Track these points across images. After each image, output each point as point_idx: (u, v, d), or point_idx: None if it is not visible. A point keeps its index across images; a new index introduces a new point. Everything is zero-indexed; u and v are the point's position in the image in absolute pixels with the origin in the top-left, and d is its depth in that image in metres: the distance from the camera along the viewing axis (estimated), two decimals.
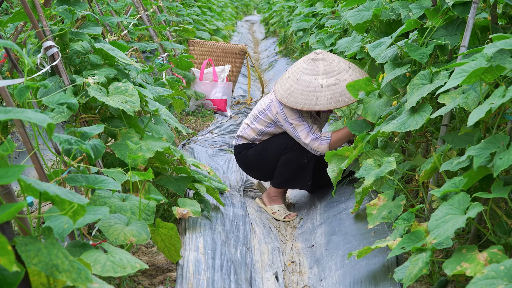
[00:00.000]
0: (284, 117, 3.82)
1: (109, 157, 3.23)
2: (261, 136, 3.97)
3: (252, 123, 3.98)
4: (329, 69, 3.80)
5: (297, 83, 3.80)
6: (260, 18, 18.15)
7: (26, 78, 2.20)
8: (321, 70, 3.80)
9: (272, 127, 3.92)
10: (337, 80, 3.77)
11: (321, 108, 3.72)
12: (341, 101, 3.72)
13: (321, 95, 3.73)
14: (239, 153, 4.06)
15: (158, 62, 5.50)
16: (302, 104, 3.74)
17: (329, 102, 3.72)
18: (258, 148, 3.97)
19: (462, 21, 3.01)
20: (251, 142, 4.00)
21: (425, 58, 2.95)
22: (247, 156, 4.01)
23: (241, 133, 4.03)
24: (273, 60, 10.37)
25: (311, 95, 3.74)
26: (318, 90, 3.74)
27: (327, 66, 3.81)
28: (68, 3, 3.54)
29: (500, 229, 2.31)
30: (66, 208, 1.68)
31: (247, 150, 4.01)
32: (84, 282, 1.60)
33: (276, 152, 3.91)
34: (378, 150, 3.09)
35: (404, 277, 2.31)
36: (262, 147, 3.96)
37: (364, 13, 3.75)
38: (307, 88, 3.77)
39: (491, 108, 2.12)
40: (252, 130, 3.98)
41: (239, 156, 4.07)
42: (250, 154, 4.00)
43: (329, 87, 3.74)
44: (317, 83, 3.76)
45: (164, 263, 2.84)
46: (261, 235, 3.61)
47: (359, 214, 3.36)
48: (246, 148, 4.02)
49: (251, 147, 4.01)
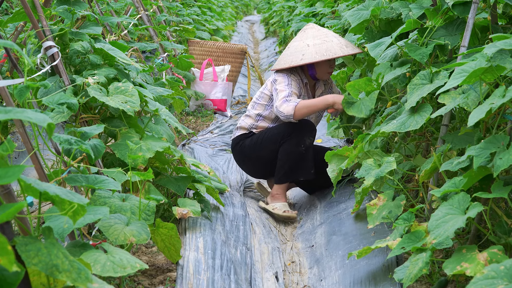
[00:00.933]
0: (274, 86, 3.85)
1: (109, 157, 3.23)
2: (258, 121, 3.97)
3: (249, 111, 4.02)
4: (317, 34, 3.91)
5: (287, 50, 3.95)
6: (260, 18, 18.15)
7: (26, 78, 2.20)
8: (310, 35, 3.91)
9: (268, 109, 3.93)
10: (324, 40, 3.85)
11: (306, 61, 3.78)
12: (326, 54, 3.78)
13: (307, 51, 3.81)
14: (236, 144, 4.05)
15: (158, 62, 5.50)
16: (289, 62, 3.83)
17: (314, 56, 3.78)
18: (254, 138, 3.96)
19: (462, 21, 3.01)
20: (248, 131, 4.00)
21: (425, 58, 2.95)
22: (243, 147, 4.00)
23: (239, 125, 4.06)
24: (273, 60, 10.37)
25: (298, 53, 3.84)
26: (304, 49, 3.84)
27: (315, 32, 3.93)
28: (68, 3, 3.53)
29: (500, 229, 2.31)
30: (66, 208, 1.68)
31: (244, 141, 4.00)
32: (84, 282, 1.60)
33: (272, 142, 3.89)
34: (378, 150, 3.09)
35: (404, 277, 2.31)
36: (258, 137, 3.95)
37: (363, 12, 3.75)
38: (294, 50, 3.88)
39: (491, 108, 2.12)
40: (249, 118, 4.01)
41: (236, 148, 4.06)
42: (247, 144, 3.99)
43: (315, 46, 3.82)
44: (304, 44, 3.87)
45: (164, 263, 2.84)
46: (261, 235, 3.61)
47: (359, 214, 3.36)
48: (243, 139, 4.01)
49: (248, 136, 4.00)
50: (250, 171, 4.18)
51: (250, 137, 4.00)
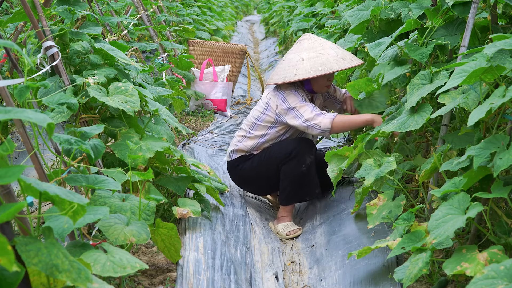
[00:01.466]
0: (287, 105, 3.63)
1: (109, 157, 3.23)
2: (261, 143, 3.78)
3: (249, 132, 3.81)
4: (312, 46, 3.72)
5: (282, 63, 3.76)
6: (260, 18, 18.15)
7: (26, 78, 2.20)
8: (305, 47, 3.72)
9: (274, 128, 3.74)
10: (319, 53, 3.66)
11: (300, 78, 3.59)
12: (321, 69, 3.58)
13: (301, 66, 3.63)
14: (235, 167, 3.89)
15: (158, 62, 5.50)
16: (282, 77, 3.65)
17: (308, 72, 3.59)
18: (255, 161, 3.80)
19: (462, 21, 3.01)
20: (248, 153, 3.84)
21: (425, 58, 2.95)
22: (243, 170, 3.85)
23: (236, 147, 3.86)
24: (273, 60, 10.37)
25: (292, 68, 3.65)
26: (299, 63, 3.65)
27: (311, 43, 3.74)
28: (68, 3, 3.53)
29: (500, 229, 2.31)
30: (66, 208, 1.68)
31: (243, 164, 3.84)
32: (84, 282, 1.60)
33: (273, 163, 3.73)
34: (378, 150, 3.09)
35: (404, 277, 2.31)
36: (259, 158, 3.79)
37: (363, 12, 3.75)
38: (289, 63, 3.70)
39: (491, 108, 2.12)
40: (250, 139, 3.80)
41: (234, 170, 3.90)
42: (247, 167, 3.83)
43: (310, 59, 3.64)
44: (299, 58, 3.68)
45: (164, 263, 2.84)
46: (261, 235, 3.61)
47: (359, 214, 3.36)
48: (242, 162, 3.85)
49: (248, 159, 3.84)
50: (253, 191, 4.05)
51: (250, 159, 3.83)
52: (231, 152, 3.90)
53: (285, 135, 3.77)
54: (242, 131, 3.87)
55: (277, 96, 3.69)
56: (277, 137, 3.78)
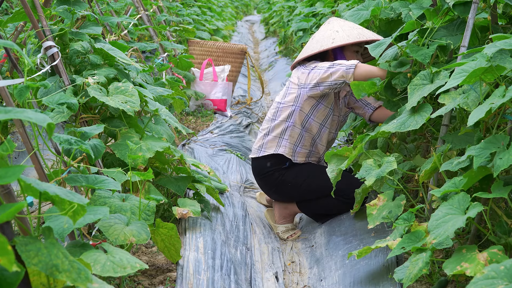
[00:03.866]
0: (308, 69, 3.53)
1: (109, 157, 3.23)
2: (289, 130, 3.59)
3: (273, 120, 3.65)
4: (343, 24, 3.65)
5: (312, 40, 3.67)
6: (260, 18, 18.15)
7: (26, 78, 2.20)
8: (336, 24, 3.64)
9: (297, 108, 3.57)
10: (352, 27, 3.59)
11: (338, 44, 3.50)
12: (359, 37, 3.51)
13: (338, 36, 3.55)
14: (270, 175, 3.66)
15: (158, 62, 5.50)
16: (318, 47, 3.56)
17: (346, 39, 3.51)
18: (299, 180, 3.62)
19: (462, 21, 3.01)
20: (285, 150, 3.61)
21: (427, 59, 2.94)
22: (283, 182, 3.64)
23: (264, 139, 3.67)
24: (273, 60, 10.37)
25: (326, 39, 3.57)
26: (334, 34, 3.56)
27: (341, 22, 3.67)
28: (68, 3, 3.53)
29: (500, 229, 2.31)
30: (66, 208, 1.68)
31: (283, 175, 3.64)
32: (84, 282, 1.60)
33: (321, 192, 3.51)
34: (378, 150, 3.09)
35: (404, 277, 2.31)
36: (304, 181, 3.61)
37: (363, 12, 3.75)
38: (322, 37, 3.60)
39: (491, 108, 2.12)
40: (276, 127, 3.63)
41: (269, 179, 3.67)
42: (289, 180, 3.63)
43: (344, 31, 3.56)
44: (332, 31, 3.60)
45: (164, 263, 2.84)
46: (261, 235, 3.61)
47: (359, 214, 3.36)
48: (281, 170, 3.65)
49: (286, 170, 3.64)
50: (276, 198, 3.81)
51: (289, 171, 3.64)
52: (259, 148, 3.71)
53: (310, 117, 3.60)
54: (266, 122, 3.71)
55: (298, 70, 3.61)
56: (302, 121, 3.60)
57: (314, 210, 3.67)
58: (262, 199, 4.17)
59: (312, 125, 3.63)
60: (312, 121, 3.62)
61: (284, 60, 9.79)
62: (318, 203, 3.62)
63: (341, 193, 3.41)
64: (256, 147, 3.73)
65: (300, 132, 3.63)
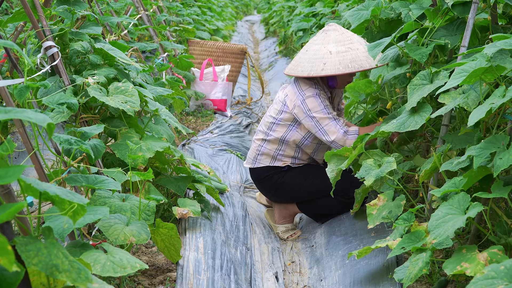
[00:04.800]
0: (306, 109, 3.42)
1: (109, 157, 3.23)
2: (284, 146, 3.56)
3: (268, 134, 3.59)
4: (340, 38, 3.49)
5: (305, 54, 3.51)
6: (260, 18, 18.15)
7: (26, 78, 2.20)
8: (332, 39, 3.48)
9: (294, 129, 3.53)
10: (348, 48, 3.44)
11: (327, 73, 3.36)
12: (351, 67, 3.36)
13: (329, 61, 3.39)
14: (269, 178, 3.63)
15: (158, 62, 5.50)
16: (308, 71, 3.41)
17: (337, 68, 3.36)
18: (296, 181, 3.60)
19: (462, 21, 3.01)
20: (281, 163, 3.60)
21: (424, 58, 2.94)
22: (283, 184, 3.62)
23: (259, 151, 3.63)
24: (273, 60, 10.37)
25: (318, 61, 3.41)
26: (326, 57, 3.41)
27: (338, 35, 3.51)
28: (68, 3, 3.53)
29: (500, 229, 2.31)
30: (66, 208, 1.68)
31: (282, 178, 3.61)
32: (84, 282, 1.60)
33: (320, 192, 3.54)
34: (378, 150, 3.09)
35: (404, 277, 2.31)
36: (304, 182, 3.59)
37: (363, 12, 3.75)
38: (314, 56, 3.45)
39: (491, 108, 2.12)
40: (270, 143, 3.59)
41: (269, 182, 3.65)
42: (288, 182, 3.60)
43: (338, 54, 3.40)
44: (326, 50, 3.44)
45: (164, 263, 2.84)
46: (261, 235, 3.61)
47: (359, 214, 3.36)
48: (278, 173, 3.62)
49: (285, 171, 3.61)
50: (276, 200, 3.79)
51: (287, 173, 3.61)
52: (255, 159, 3.67)
53: (307, 140, 3.56)
54: (261, 134, 3.64)
55: (295, 95, 3.48)
56: (298, 142, 3.56)
57: (314, 210, 3.67)
58: (262, 199, 4.18)
59: (308, 146, 3.60)
60: (308, 143, 3.59)
61: (284, 60, 9.80)
62: (318, 203, 3.62)
63: (341, 193, 3.42)
64: (252, 157, 3.70)
65: (295, 149, 3.61)
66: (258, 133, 3.68)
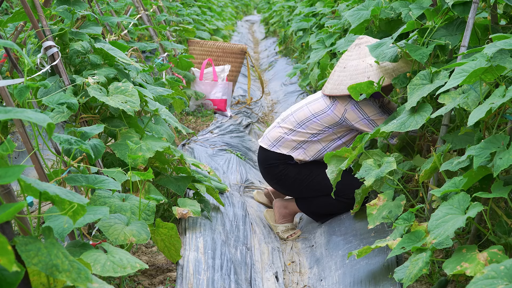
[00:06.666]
0: (360, 115, 3.43)
1: (109, 157, 3.23)
2: (307, 143, 3.56)
3: (299, 126, 3.56)
4: None
5: (344, 71, 3.49)
6: (260, 18, 18.15)
7: (26, 78, 2.20)
8: (368, 51, 3.41)
9: (328, 131, 3.53)
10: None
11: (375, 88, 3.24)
12: (395, 75, 3.33)
13: (372, 74, 3.37)
14: (275, 166, 3.64)
15: (158, 62, 5.50)
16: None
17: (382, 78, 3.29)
18: (302, 175, 3.60)
19: (462, 21, 3.01)
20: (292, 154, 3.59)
21: (424, 58, 2.94)
22: (286, 176, 3.63)
23: (282, 138, 3.60)
24: (273, 60, 10.37)
25: (361, 76, 3.40)
26: (368, 70, 3.40)
27: None
28: (68, 3, 3.53)
29: (500, 229, 2.31)
30: (66, 208, 1.68)
31: (286, 170, 3.63)
32: (84, 282, 1.60)
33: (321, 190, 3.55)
34: (378, 150, 3.09)
35: (404, 277, 2.31)
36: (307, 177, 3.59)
37: (363, 12, 3.75)
38: (355, 71, 3.44)
39: (491, 108, 2.12)
40: (298, 135, 3.57)
41: (274, 170, 3.65)
42: (292, 175, 3.62)
43: (380, 66, 3.39)
44: (365, 64, 3.42)
45: (164, 263, 2.84)
46: (261, 235, 3.61)
47: (359, 214, 3.36)
48: (284, 164, 3.63)
49: (291, 165, 3.62)
50: (277, 189, 3.83)
51: (295, 167, 3.62)
52: (274, 142, 3.63)
53: (340, 140, 3.58)
54: (289, 123, 3.60)
55: (347, 102, 3.46)
56: (329, 141, 3.58)
57: (314, 209, 3.68)
58: (259, 197, 4.18)
59: (337, 146, 3.60)
60: (340, 142, 3.59)
61: (284, 60, 9.79)
62: (318, 202, 3.62)
63: (341, 193, 3.42)
64: (271, 139, 3.65)
65: (320, 149, 3.59)
66: (289, 118, 3.62)
